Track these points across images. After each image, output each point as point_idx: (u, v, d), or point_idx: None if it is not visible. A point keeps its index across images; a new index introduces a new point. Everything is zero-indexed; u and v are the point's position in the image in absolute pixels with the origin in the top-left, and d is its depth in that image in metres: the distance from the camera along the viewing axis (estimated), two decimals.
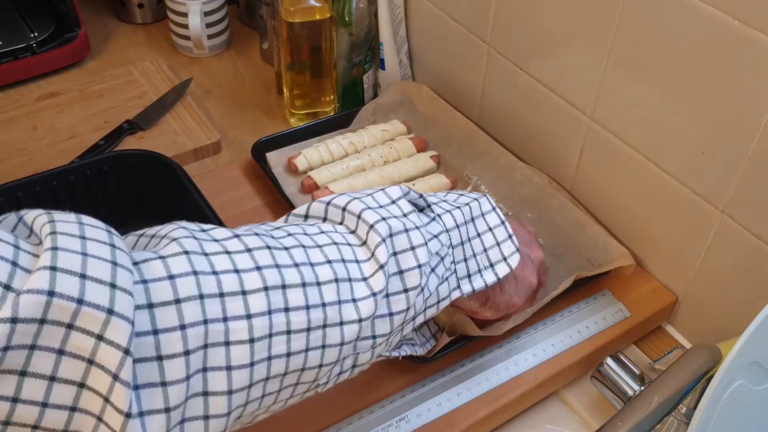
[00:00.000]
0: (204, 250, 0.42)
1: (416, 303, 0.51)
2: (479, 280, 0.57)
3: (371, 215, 0.50)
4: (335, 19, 0.92)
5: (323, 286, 0.46)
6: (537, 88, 0.83)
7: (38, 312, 0.33)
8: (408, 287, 0.50)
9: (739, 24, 0.59)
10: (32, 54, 1.05)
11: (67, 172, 0.76)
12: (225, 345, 0.41)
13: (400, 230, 0.50)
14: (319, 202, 0.52)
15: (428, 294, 0.52)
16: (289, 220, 0.53)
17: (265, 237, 0.46)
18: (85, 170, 0.77)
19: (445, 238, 0.54)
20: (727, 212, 0.67)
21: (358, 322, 0.47)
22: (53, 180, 0.75)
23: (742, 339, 0.50)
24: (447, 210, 0.56)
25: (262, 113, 1.03)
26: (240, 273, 0.42)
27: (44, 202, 0.75)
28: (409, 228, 0.50)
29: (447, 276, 0.54)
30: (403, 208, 0.52)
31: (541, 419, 0.70)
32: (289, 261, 0.45)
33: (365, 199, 0.51)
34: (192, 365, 0.39)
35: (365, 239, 0.49)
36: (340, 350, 0.47)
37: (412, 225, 0.51)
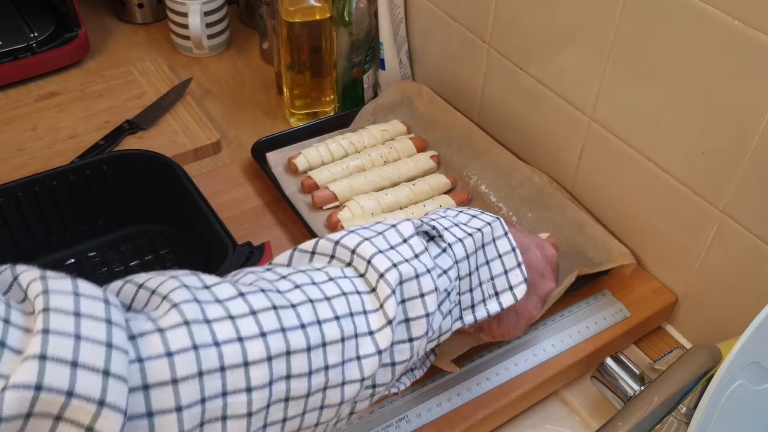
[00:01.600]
0: (206, 317, 0.40)
1: (419, 348, 0.50)
2: (482, 309, 0.56)
3: (382, 261, 0.47)
4: (335, 19, 0.92)
5: (329, 347, 0.44)
6: (537, 88, 0.83)
7: (24, 407, 0.32)
8: (413, 336, 0.48)
9: (739, 24, 0.59)
10: (32, 54, 1.05)
11: (67, 172, 0.76)
12: (222, 420, 0.39)
13: (411, 277, 0.48)
14: (327, 240, 0.50)
15: (431, 333, 0.51)
16: (294, 256, 0.50)
17: (272, 294, 0.44)
18: (85, 170, 0.77)
19: (453, 272, 0.52)
20: (727, 212, 0.67)
21: (360, 381, 0.45)
22: (53, 180, 0.75)
23: (742, 339, 0.50)
24: (459, 238, 0.53)
25: (262, 113, 1.03)
26: (243, 342, 0.40)
27: (44, 202, 0.75)
28: (420, 273, 0.48)
29: (450, 309, 0.53)
30: (415, 248, 0.50)
31: (541, 419, 0.70)
32: (296, 322, 0.43)
33: (376, 239, 0.49)
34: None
35: (374, 286, 0.47)
36: (339, 408, 0.46)
37: (423, 269, 0.49)
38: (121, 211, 0.80)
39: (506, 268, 0.57)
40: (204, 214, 0.72)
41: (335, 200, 0.83)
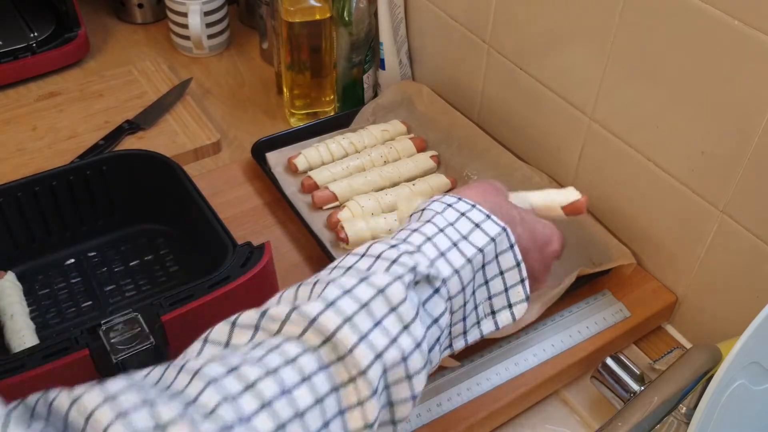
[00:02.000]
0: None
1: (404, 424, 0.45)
2: (475, 331, 0.50)
3: (364, 354, 0.40)
4: (335, 19, 0.92)
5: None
6: (537, 88, 0.83)
7: None
8: (397, 419, 0.44)
9: (739, 24, 0.59)
10: (32, 54, 1.05)
11: (67, 172, 0.76)
12: None
13: (397, 362, 0.42)
14: (298, 315, 0.41)
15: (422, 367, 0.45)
16: (261, 325, 0.42)
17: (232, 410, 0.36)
18: (85, 170, 0.77)
19: (445, 319, 0.47)
20: (727, 212, 0.67)
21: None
22: (53, 180, 0.75)
23: (742, 339, 0.50)
24: (455, 270, 0.47)
25: (262, 113, 1.03)
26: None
27: (44, 202, 0.75)
28: (408, 354, 0.42)
29: (440, 341, 0.47)
30: (404, 317, 0.43)
31: (541, 419, 0.70)
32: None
33: (358, 318, 0.41)
34: None
35: (354, 377, 0.40)
36: None
37: (412, 346, 0.42)
38: (121, 211, 0.80)
39: (507, 285, 0.51)
40: (204, 214, 0.72)
41: (335, 200, 0.83)
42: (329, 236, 0.80)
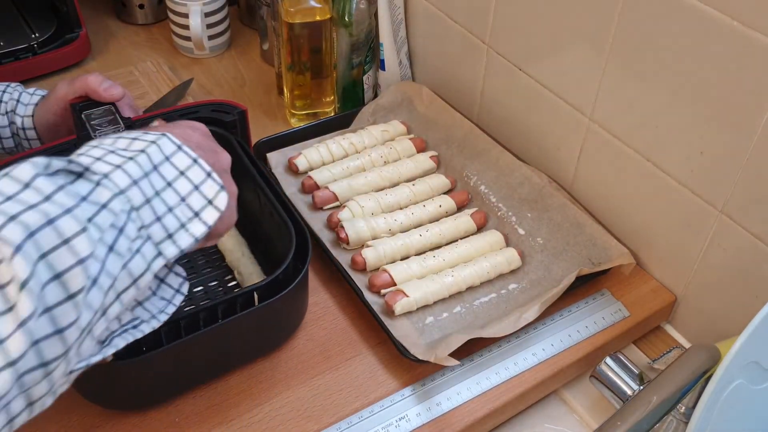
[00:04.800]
0: None
1: (92, 301, 0.42)
2: (185, 236, 0.48)
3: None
4: (335, 20, 0.92)
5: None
6: (536, 89, 0.83)
7: None
8: (72, 291, 0.40)
9: (738, 24, 0.59)
10: (33, 54, 1.05)
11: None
12: None
13: (42, 224, 0.40)
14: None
15: (111, 281, 0.43)
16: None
17: None
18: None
19: (119, 202, 0.45)
20: (726, 212, 0.67)
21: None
22: None
23: (741, 339, 0.50)
24: (116, 165, 0.46)
25: (263, 113, 1.03)
26: None
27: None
28: (55, 216, 0.40)
29: (138, 248, 0.45)
30: (43, 189, 0.41)
31: (540, 418, 0.70)
32: None
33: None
34: None
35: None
36: None
37: (60, 210, 0.41)
38: None
39: (195, 183, 0.50)
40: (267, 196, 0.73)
41: (335, 200, 0.83)
42: (329, 236, 0.80)
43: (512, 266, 0.77)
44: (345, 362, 0.69)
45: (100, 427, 0.64)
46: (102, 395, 0.65)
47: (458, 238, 0.80)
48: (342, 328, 0.73)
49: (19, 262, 0.38)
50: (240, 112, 0.80)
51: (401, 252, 0.77)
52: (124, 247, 0.44)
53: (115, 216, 0.44)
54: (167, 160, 0.49)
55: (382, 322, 0.70)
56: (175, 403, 0.65)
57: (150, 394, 0.65)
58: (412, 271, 0.75)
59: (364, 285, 0.74)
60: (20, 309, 0.38)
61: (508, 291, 0.75)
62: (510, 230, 0.81)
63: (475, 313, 0.73)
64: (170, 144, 0.50)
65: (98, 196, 0.44)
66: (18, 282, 0.38)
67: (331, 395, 0.67)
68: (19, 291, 0.38)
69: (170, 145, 0.50)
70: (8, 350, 0.37)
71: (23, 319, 0.38)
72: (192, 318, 0.61)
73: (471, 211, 0.82)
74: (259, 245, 0.77)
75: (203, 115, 0.79)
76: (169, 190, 0.48)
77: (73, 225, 0.41)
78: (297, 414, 0.65)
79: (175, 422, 0.64)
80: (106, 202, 0.44)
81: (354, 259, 0.76)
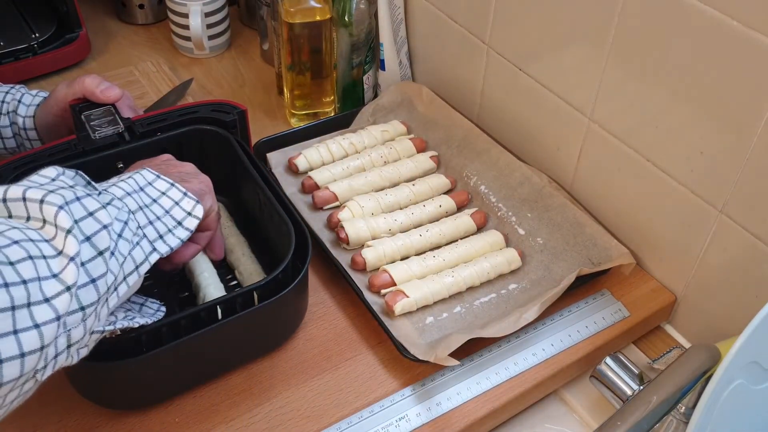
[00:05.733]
0: None
1: (112, 267, 0.51)
2: (172, 238, 0.59)
3: (36, 192, 0.49)
4: (335, 20, 0.92)
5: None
6: (536, 89, 0.83)
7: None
8: (101, 249, 0.50)
9: (738, 25, 0.59)
10: (33, 54, 1.05)
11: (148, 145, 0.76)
12: None
13: (72, 199, 0.50)
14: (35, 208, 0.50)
15: (122, 259, 0.53)
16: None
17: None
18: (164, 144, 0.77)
19: (120, 203, 0.55)
20: (726, 212, 0.67)
21: (56, 320, 0.46)
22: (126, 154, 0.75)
23: (741, 339, 0.50)
24: (111, 183, 0.58)
25: (263, 113, 1.03)
26: None
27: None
28: (81, 196, 0.51)
29: (138, 241, 0.55)
30: (66, 181, 0.53)
31: (540, 418, 0.70)
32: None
33: (23, 183, 0.51)
34: None
35: (41, 216, 0.49)
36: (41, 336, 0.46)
37: (83, 193, 0.52)
38: None
39: (175, 199, 0.61)
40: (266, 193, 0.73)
41: (335, 200, 0.83)
42: (329, 236, 0.80)
43: (512, 266, 0.77)
44: (345, 362, 0.69)
45: (100, 427, 0.64)
46: (102, 395, 0.65)
47: (458, 238, 0.80)
48: (342, 328, 0.73)
49: (62, 218, 0.48)
50: (240, 112, 0.80)
51: (401, 252, 0.77)
52: (129, 236, 0.54)
53: (118, 211, 0.54)
54: (150, 184, 0.60)
55: (382, 322, 0.70)
56: (175, 402, 0.65)
57: (150, 394, 0.65)
58: (412, 271, 0.75)
59: (364, 285, 0.74)
60: (68, 250, 0.48)
61: (508, 291, 0.75)
62: (510, 230, 0.81)
63: (475, 313, 0.73)
64: (150, 174, 0.61)
65: (103, 198, 0.54)
66: (64, 231, 0.48)
67: (331, 395, 0.67)
68: (65, 238, 0.48)
69: (150, 175, 0.61)
70: (65, 279, 0.47)
71: (72, 256, 0.48)
72: (192, 317, 0.62)
73: (471, 211, 0.82)
74: (259, 245, 0.77)
75: (203, 115, 0.79)
76: (155, 205, 0.59)
77: (94, 203, 0.52)
78: (297, 414, 0.65)
79: (175, 422, 0.64)
80: (109, 201, 0.54)
81: (354, 259, 0.76)
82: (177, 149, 0.78)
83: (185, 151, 0.79)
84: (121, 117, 0.76)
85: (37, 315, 0.45)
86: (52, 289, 0.46)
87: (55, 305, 0.46)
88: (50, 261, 0.47)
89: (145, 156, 0.68)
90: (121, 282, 0.53)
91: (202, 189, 0.64)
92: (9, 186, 0.50)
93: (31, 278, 0.45)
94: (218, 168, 0.80)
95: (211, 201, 0.65)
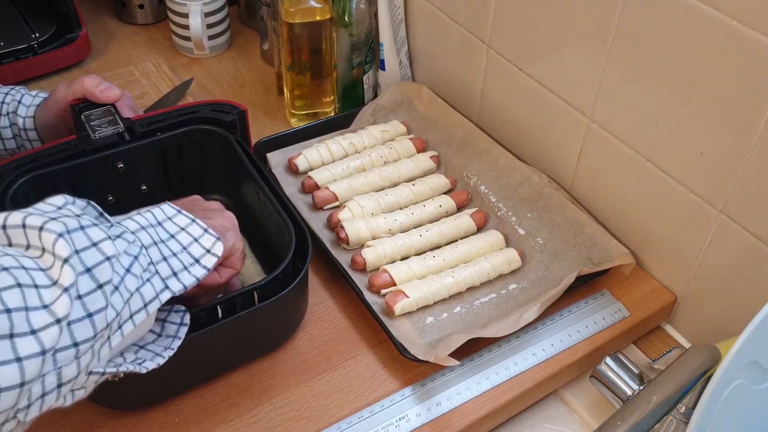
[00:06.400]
0: None
1: (115, 303, 0.48)
2: (188, 276, 0.56)
3: (37, 219, 0.47)
4: (335, 20, 0.92)
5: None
6: (536, 89, 0.83)
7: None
8: (101, 282, 0.47)
9: (738, 24, 0.59)
10: (33, 54, 1.05)
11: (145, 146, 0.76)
12: None
13: (76, 227, 0.47)
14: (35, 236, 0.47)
15: (128, 294, 0.50)
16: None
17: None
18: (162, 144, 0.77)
19: (131, 237, 0.52)
20: (726, 212, 0.67)
21: (41, 354, 0.43)
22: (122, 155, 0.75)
23: (741, 339, 0.50)
24: (126, 217, 0.55)
25: (263, 113, 1.03)
26: None
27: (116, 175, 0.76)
28: (86, 225, 0.48)
29: (149, 277, 0.52)
30: (73, 210, 0.50)
31: (540, 418, 0.70)
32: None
33: (25, 210, 0.48)
34: None
35: (41, 244, 0.46)
36: (22, 371, 0.42)
37: (89, 223, 0.49)
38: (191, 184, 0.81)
39: (194, 236, 0.58)
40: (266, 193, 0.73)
41: (335, 200, 0.83)
42: (329, 236, 0.80)
43: (512, 267, 0.77)
44: (345, 362, 0.69)
45: (100, 427, 0.64)
46: (102, 395, 0.64)
47: (458, 238, 0.80)
48: (342, 328, 0.73)
49: (61, 247, 0.45)
50: (240, 111, 0.80)
51: (401, 252, 0.77)
52: (138, 272, 0.51)
53: (128, 244, 0.51)
54: (169, 219, 0.57)
55: (382, 322, 0.70)
56: (175, 402, 0.65)
57: (150, 394, 0.65)
58: (412, 272, 0.75)
59: (364, 285, 0.74)
60: (63, 280, 0.45)
61: (508, 291, 0.75)
62: (510, 230, 0.81)
63: (475, 313, 0.73)
64: (170, 209, 0.58)
65: (114, 230, 0.51)
66: (61, 260, 0.45)
67: (331, 395, 0.67)
68: (61, 268, 0.45)
69: (170, 210, 0.58)
70: (56, 311, 0.44)
71: (66, 287, 0.45)
72: (192, 317, 0.61)
73: (471, 211, 0.82)
74: (259, 245, 0.77)
75: (203, 114, 0.79)
76: (172, 241, 0.56)
77: (99, 233, 0.49)
78: (297, 414, 0.65)
79: (175, 422, 0.64)
80: (120, 234, 0.51)
81: (354, 259, 0.76)
82: (177, 149, 0.79)
83: (185, 151, 0.79)
84: (121, 117, 0.76)
85: (19, 347, 0.42)
86: (40, 321, 0.43)
87: (41, 338, 0.43)
88: (42, 291, 0.44)
89: (145, 155, 0.68)
90: (126, 320, 0.50)
91: (225, 226, 0.61)
92: (10, 212, 0.47)
93: (17, 307, 0.42)
94: (218, 168, 0.80)
95: (234, 238, 0.62)
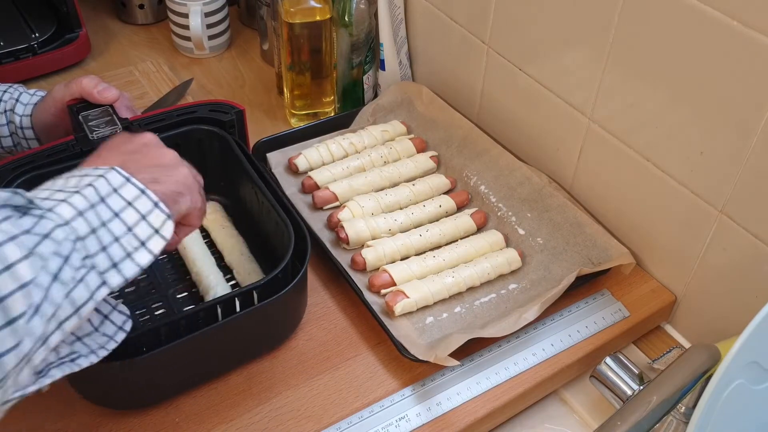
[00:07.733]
0: None
1: (33, 329, 0.42)
2: (130, 265, 0.49)
3: None
4: (335, 20, 0.92)
5: None
6: (536, 89, 0.83)
7: None
8: (12, 317, 0.40)
9: (738, 25, 0.59)
10: (33, 54, 1.05)
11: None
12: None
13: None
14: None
15: (53, 309, 0.44)
16: None
17: None
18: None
19: (63, 232, 0.45)
20: (726, 212, 0.67)
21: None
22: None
23: (741, 339, 0.50)
24: (61, 199, 0.47)
25: (263, 113, 1.03)
26: None
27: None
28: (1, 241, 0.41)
29: (82, 276, 0.46)
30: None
31: (540, 418, 0.70)
32: None
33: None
34: None
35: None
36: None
37: (3, 237, 0.42)
38: None
39: (143, 213, 0.51)
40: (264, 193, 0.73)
41: (335, 200, 0.83)
42: (329, 236, 0.80)
43: (512, 267, 0.77)
44: (345, 362, 0.69)
45: (100, 427, 0.64)
46: (102, 395, 0.65)
47: (458, 238, 0.80)
48: (342, 328, 0.73)
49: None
50: (237, 111, 0.80)
51: (401, 252, 0.77)
52: (68, 276, 0.45)
53: (58, 244, 0.45)
54: (115, 191, 0.50)
55: (382, 322, 0.70)
56: (175, 403, 0.65)
57: (150, 394, 0.65)
58: (412, 272, 0.75)
59: (364, 285, 0.74)
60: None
61: (508, 291, 0.75)
62: (510, 230, 0.81)
63: (475, 313, 0.73)
64: (118, 176, 0.51)
65: (41, 227, 0.44)
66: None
67: (331, 395, 0.67)
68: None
69: (118, 178, 0.51)
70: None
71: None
72: (191, 317, 0.62)
73: (471, 211, 0.82)
74: (257, 245, 0.77)
75: (201, 114, 0.79)
76: (115, 221, 0.49)
77: (16, 251, 0.42)
78: (297, 414, 0.65)
79: (175, 422, 0.64)
80: (48, 232, 0.44)
81: (354, 259, 0.76)
82: (175, 149, 0.78)
83: (183, 151, 0.79)
84: (119, 117, 0.76)
85: None
86: None
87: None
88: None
89: None
90: (51, 334, 0.44)
91: (178, 190, 0.55)
92: None
93: None
94: (216, 168, 0.80)
95: (189, 202, 0.56)
